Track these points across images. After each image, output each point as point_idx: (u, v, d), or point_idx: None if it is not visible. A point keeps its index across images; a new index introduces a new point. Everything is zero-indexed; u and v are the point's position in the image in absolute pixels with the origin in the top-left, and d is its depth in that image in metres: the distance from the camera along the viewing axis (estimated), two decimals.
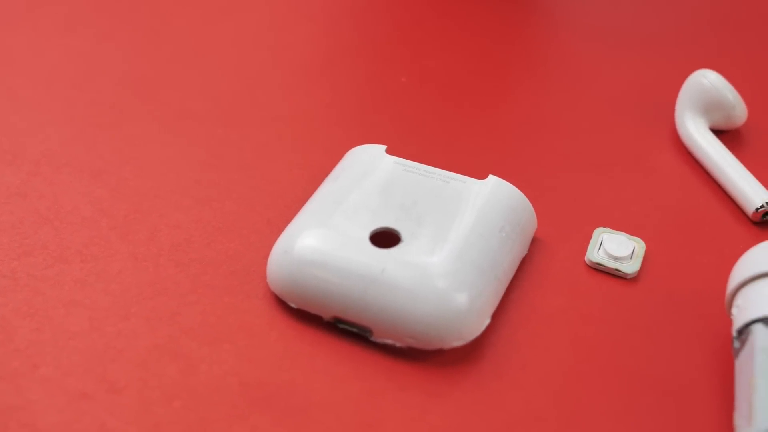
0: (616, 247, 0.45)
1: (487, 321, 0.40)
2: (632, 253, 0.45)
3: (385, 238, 0.42)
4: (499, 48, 0.59)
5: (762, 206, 0.47)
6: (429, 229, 0.42)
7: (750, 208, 0.47)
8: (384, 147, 0.47)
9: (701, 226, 0.47)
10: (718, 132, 0.53)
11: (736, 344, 0.38)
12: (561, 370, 0.40)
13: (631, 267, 0.44)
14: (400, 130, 0.52)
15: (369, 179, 0.44)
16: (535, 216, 0.45)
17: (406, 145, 0.51)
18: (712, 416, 0.38)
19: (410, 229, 0.42)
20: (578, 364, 0.40)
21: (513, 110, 0.54)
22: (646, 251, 0.46)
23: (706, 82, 0.52)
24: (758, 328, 0.37)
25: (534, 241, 0.46)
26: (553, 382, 0.39)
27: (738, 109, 0.52)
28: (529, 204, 0.45)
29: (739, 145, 0.53)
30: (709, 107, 0.52)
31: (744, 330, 0.38)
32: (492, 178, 0.45)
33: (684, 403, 0.39)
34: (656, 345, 0.41)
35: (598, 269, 0.45)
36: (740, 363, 0.38)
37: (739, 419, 0.36)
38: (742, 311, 0.38)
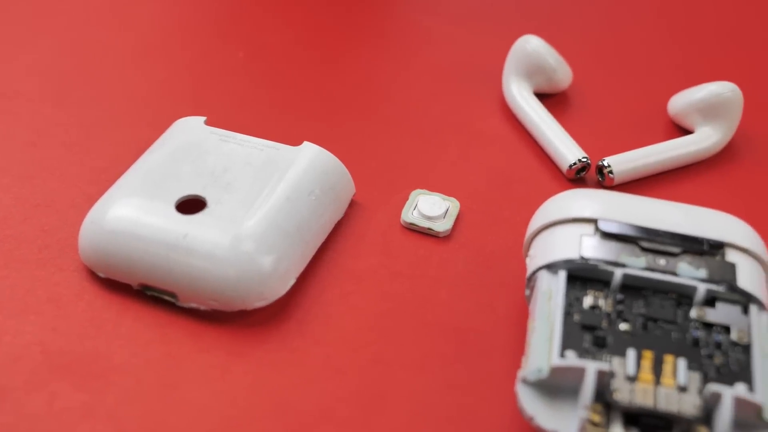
0: (429, 208, 0.46)
1: (292, 282, 0.41)
2: (446, 212, 0.46)
3: (192, 206, 0.43)
4: (338, 22, 0.60)
5: (575, 163, 0.49)
6: (236, 195, 0.42)
7: (565, 166, 0.49)
8: (203, 118, 0.47)
9: (519, 186, 0.48)
10: (544, 96, 0.55)
11: (527, 292, 0.40)
12: (365, 325, 0.41)
13: (443, 226, 0.45)
14: (232, 103, 0.53)
15: (182, 150, 0.45)
16: (351, 180, 0.46)
17: (234, 117, 0.52)
18: (507, 362, 0.39)
19: (217, 195, 0.42)
20: (383, 319, 0.41)
21: (346, 81, 0.55)
22: (461, 211, 0.47)
23: (529, 47, 0.53)
24: (542, 273, 0.38)
25: (352, 205, 0.47)
26: (356, 337, 0.40)
27: (560, 73, 0.53)
28: (344, 168, 0.46)
29: (564, 107, 0.54)
30: (532, 72, 0.53)
31: (532, 277, 0.39)
32: (306, 144, 0.46)
33: (483, 351, 0.40)
34: (462, 298, 0.42)
35: (412, 229, 0.46)
36: (530, 309, 0.39)
37: (523, 361, 0.37)
38: (533, 260, 0.40)
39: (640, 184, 0.49)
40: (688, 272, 0.37)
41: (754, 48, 0.61)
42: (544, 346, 0.35)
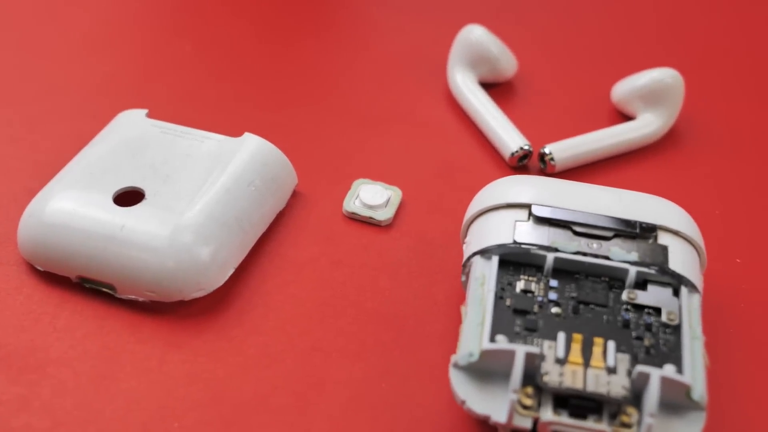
0: (371, 197, 0.46)
1: (230, 272, 0.41)
2: (387, 201, 0.46)
3: (130, 198, 0.43)
4: (287, 13, 0.60)
5: (517, 151, 0.49)
6: (175, 187, 0.42)
7: (507, 154, 0.49)
8: (145, 111, 0.47)
9: (461, 174, 0.49)
10: (490, 85, 0.55)
11: (463, 278, 0.40)
12: (304, 313, 0.41)
13: (384, 214, 0.45)
14: (178, 96, 0.53)
15: (123, 142, 0.45)
16: (293, 171, 0.46)
17: (180, 110, 0.52)
18: (445, 348, 0.40)
19: (155, 187, 0.42)
20: (322, 308, 0.41)
21: (293, 73, 0.55)
22: (403, 200, 0.47)
23: (472, 37, 0.54)
24: (476, 259, 0.39)
25: (295, 195, 0.47)
26: (294, 326, 0.40)
27: (503, 62, 0.54)
28: (286, 159, 0.46)
29: (509, 96, 0.55)
30: (475, 61, 0.54)
31: (467, 263, 0.39)
32: (247, 136, 0.46)
33: (421, 337, 0.40)
34: (402, 286, 0.42)
35: (354, 218, 0.46)
36: (466, 295, 0.39)
37: (457, 347, 0.37)
38: (468, 246, 0.40)
39: (583, 171, 0.50)
40: (620, 255, 0.38)
41: (696, 34, 0.61)
42: (476, 331, 0.36)
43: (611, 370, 0.35)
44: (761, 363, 0.40)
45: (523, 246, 0.38)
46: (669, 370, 0.35)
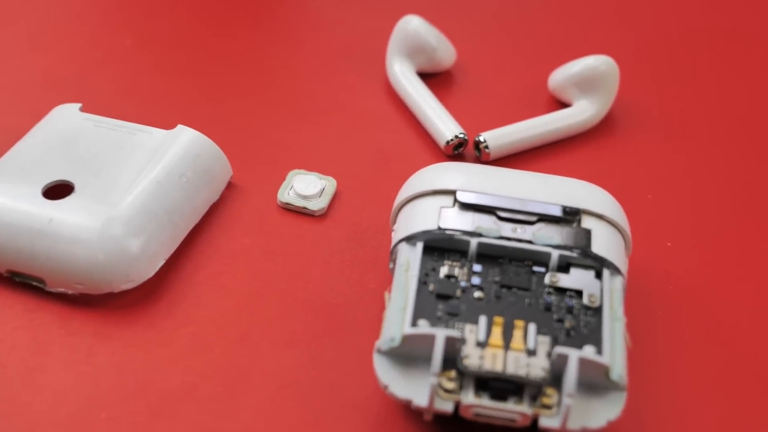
0: (305, 187, 0.46)
1: (161, 263, 0.41)
2: (321, 191, 0.46)
3: (60, 191, 0.43)
4: (227, 6, 0.60)
5: (452, 139, 0.49)
6: (105, 180, 0.42)
7: (443, 143, 0.50)
8: (79, 105, 0.47)
9: (397, 164, 0.49)
10: (429, 75, 0.55)
11: (391, 265, 0.40)
12: (235, 304, 0.41)
13: (318, 204, 0.46)
14: (117, 90, 0.53)
15: (55, 136, 0.45)
16: (227, 162, 0.46)
17: (118, 104, 0.52)
18: (374, 335, 0.40)
19: (85, 180, 0.42)
20: (253, 298, 0.41)
21: (233, 66, 0.55)
22: (338, 189, 0.47)
23: (410, 28, 0.54)
24: (402, 246, 0.39)
25: (230, 187, 0.47)
26: (224, 316, 0.41)
27: (441, 52, 0.54)
28: (220, 151, 0.46)
29: (448, 85, 0.55)
30: (413, 51, 0.54)
31: (394, 250, 0.40)
32: (180, 128, 0.46)
33: (351, 325, 0.41)
34: (333, 274, 0.43)
35: (288, 209, 0.46)
36: None
37: (381, 332, 0.38)
38: (396, 234, 0.40)
39: (519, 158, 0.50)
40: (543, 239, 0.38)
41: (633, 22, 0.62)
42: (398, 316, 0.36)
43: (531, 353, 0.35)
44: (686, 344, 0.41)
45: (447, 232, 0.38)
46: (588, 351, 0.35)
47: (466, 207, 0.39)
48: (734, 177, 0.50)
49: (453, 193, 0.40)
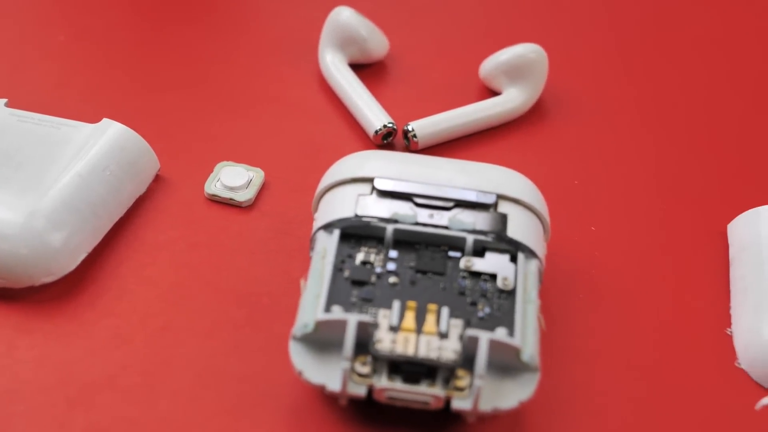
0: (231, 178, 0.46)
1: (82, 257, 0.41)
2: (248, 182, 0.46)
3: None
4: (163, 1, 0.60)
5: (380, 129, 0.50)
6: (28, 174, 0.42)
7: (372, 132, 0.50)
8: (5, 100, 0.47)
9: (327, 154, 0.49)
10: (362, 66, 0.56)
11: (311, 254, 0.41)
12: (158, 295, 0.41)
13: (244, 195, 0.46)
14: (48, 86, 0.53)
15: None
16: (153, 155, 0.46)
17: (47, 100, 0.51)
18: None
19: (7, 175, 0.42)
20: (176, 289, 0.42)
21: (167, 59, 0.55)
22: (266, 180, 0.47)
23: (341, 19, 0.54)
24: (319, 234, 0.39)
25: (157, 180, 0.47)
26: (146, 308, 0.41)
27: (372, 43, 0.54)
28: (146, 144, 0.46)
29: (380, 76, 0.55)
30: (345, 42, 0.54)
31: (313, 239, 0.40)
32: (105, 121, 0.46)
33: (274, 314, 0.41)
34: (258, 265, 0.43)
35: (215, 200, 0.46)
36: None
37: (296, 319, 0.38)
38: (315, 222, 0.40)
39: (448, 147, 0.51)
40: (459, 224, 0.39)
41: (563, 10, 0.62)
42: (313, 303, 0.36)
43: (443, 336, 0.35)
44: (604, 326, 0.41)
45: (363, 219, 0.39)
46: (500, 333, 0.36)
47: (384, 194, 0.40)
48: (659, 164, 0.50)
49: (371, 180, 0.40)
